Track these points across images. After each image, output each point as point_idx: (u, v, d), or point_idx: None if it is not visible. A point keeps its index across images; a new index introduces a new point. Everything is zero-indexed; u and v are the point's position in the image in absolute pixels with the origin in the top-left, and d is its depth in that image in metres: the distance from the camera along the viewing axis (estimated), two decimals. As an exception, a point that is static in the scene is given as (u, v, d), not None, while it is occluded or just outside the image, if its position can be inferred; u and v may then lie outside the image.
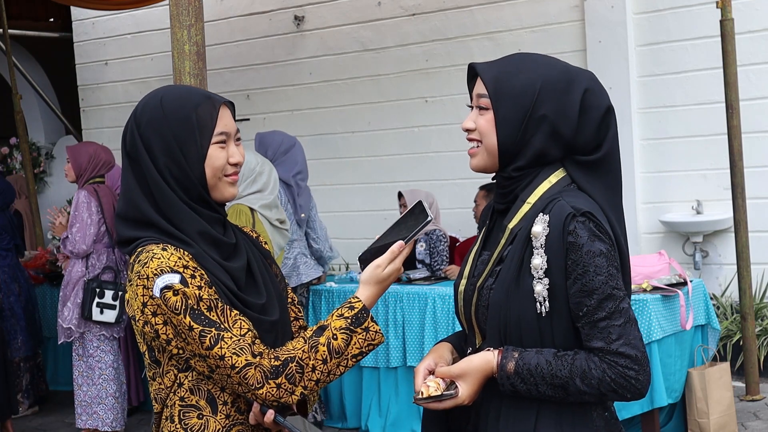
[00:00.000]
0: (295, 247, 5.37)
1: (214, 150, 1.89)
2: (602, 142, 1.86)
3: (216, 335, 1.78)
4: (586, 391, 1.77)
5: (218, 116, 1.90)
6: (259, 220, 4.34)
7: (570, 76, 1.86)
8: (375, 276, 1.90)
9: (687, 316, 4.69)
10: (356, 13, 7.74)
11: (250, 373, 1.78)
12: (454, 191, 7.17)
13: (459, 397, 1.82)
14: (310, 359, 1.81)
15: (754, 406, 5.45)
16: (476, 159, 1.91)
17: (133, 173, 1.90)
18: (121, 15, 8.98)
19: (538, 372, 1.77)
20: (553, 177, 1.86)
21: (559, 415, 1.82)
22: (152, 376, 1.92)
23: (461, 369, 1.83)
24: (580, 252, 1.76)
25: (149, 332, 1.83)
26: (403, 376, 5.29)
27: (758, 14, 6.22)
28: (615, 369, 1.76)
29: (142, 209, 1.87)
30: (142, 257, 1.83)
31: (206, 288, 1.81)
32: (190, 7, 3.24)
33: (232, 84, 8.25)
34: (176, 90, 1.95)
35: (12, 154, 10.14)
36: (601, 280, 1.76)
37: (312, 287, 5.57)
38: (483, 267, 1.91)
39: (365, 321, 1.86)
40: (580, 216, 1.78)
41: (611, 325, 1.76)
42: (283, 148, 5.32)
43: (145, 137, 1.88)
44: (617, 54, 6.57)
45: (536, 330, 1.80)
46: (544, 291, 1.78)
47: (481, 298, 1.87)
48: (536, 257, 1.78)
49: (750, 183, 5.68)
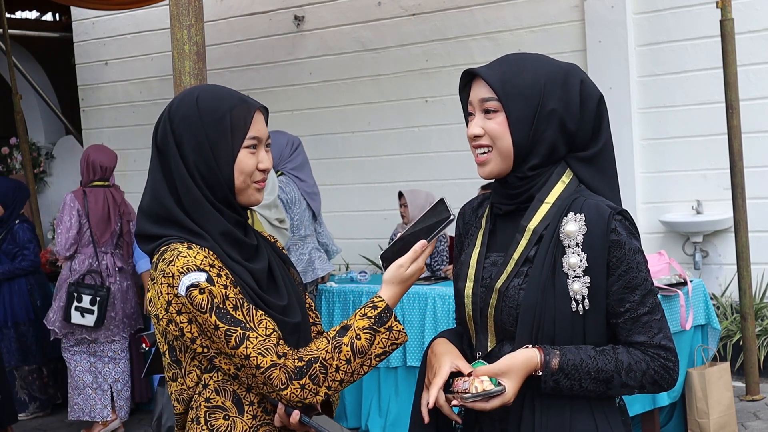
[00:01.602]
0: (309, 242, 5.41)
1: (244, 154, 1.88)
2: (599, 133, 1.89)
3: (242, 335, 1.78)
4: (628, 384, 1.82)
5: (252, 121, 1.90)
6: (258, 219, 4.34)
7: (564, 69, 1.89)
8: (398, 275, 1.89)
9: (687, 316, 4.69)
10: (356, 13, 7.73)
11: (275, 373, 1.78)
12: (454, 191, 7.16)
13: (506, 393, 1.80)
14: (333, 359, 1.81)
15: (754, 406, 5.45)
16: (490, 165, 1.89)
17: (161, 168, 1.89)
18: (121, 15, 8.98)
19: (583, 367, 1.79)
20: (566, 177, 1.89)
21: (590, 405, 1.85)
22: (173, 377, 1.91)
23: (506, 365, 1.81)
24: (623, 249, 1.81)
25: (173, 330, 1.83)
26: (403, 376, 5.29)
27: (758, 14, 6.22)
28: (657, 361, 1.82)
29: (167, 205, 1.87)
30: (166, 255, 1.83)
31: (231, 287, 1.81)
32: (190, 7, 3.24)
33: (232, 84, 8.23)
34: (213, 90, 1.95)
35: (12, 154, 10.13)
36: (642, 276, 1.82)
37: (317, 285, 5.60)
38: (497, 269, 1.90)
39: (388, 320, 1.86)
40: (617, 215, 1.82)
41: (653, 319, 1.83)
42: (291, 146, 5.36)
43: (177, 133, 1.88)
44: (617, 54, 6.57)
45: (569, 328, 1.81)
46: (584, 289, 1.80)
47: (506, 299, 1.86)
48: (572, 256, 1.80)
49: (750, 183, 5.68)
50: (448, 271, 5.76)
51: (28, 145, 8.47)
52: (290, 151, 5.33)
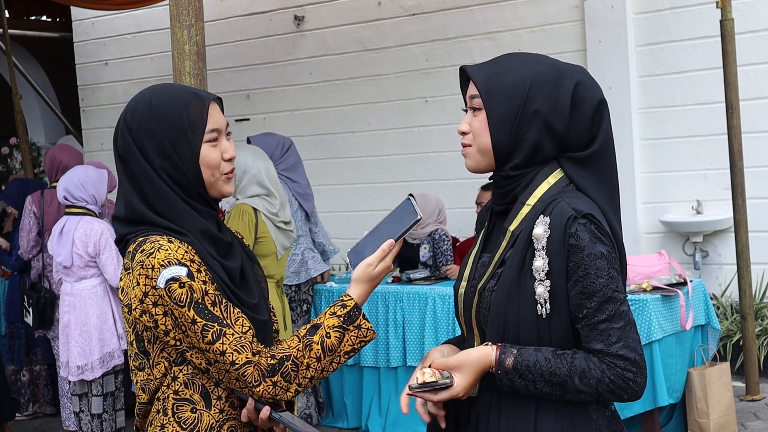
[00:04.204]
0: (302, 243, 5.43)
1: (206, 149, 1.90)
2: (596, 136, 1.86)
3: (218, 331, 1.80)
4: (583, 390, 1.78)
5: (208, 114, 1.91)
6: (262, 220, 4.35)
7: (560, 70, 1.86)
8: (366, 274, 1.92)
9: (687, 316, 4.69)
10: (356, 13, 7.73)
11: (249, 371, 1.80)
12: (454, 191, 7.17)
13: (454, 387, 1.81)
14: (304, 357, 1.83)
15: (754, 406, 5.45)
16: (469, 160, 1.91)
17: (126, 176, 1.91)
18: (121, 15, 8.98)
19: (536, 369, 1.78)
20: (552, 178, 1.86)
21: (558, 411, 1.82)
22: (139, 366, 1.92)
23: (459, 360, 1.83)
24: (582, 254, 1.77)
25: (146, 321, 1.84)
26: (404, 376, 5.29)
27: (758, 14, 6.22)
28: (614, 370, 1.77)
29: (139, 211, 1.89)
30: (146, 247, 1.84)
31: (210, 283, 1.83)
32: (190, 7, 3.24)
33: (232, 84, 8.25)
34: (163, 91, 1.94)
35: (12, 154, 10.13)
36: (602, 282, 1.77)
37: (315, 285, 5.60)
38: (483, 269, 1.91)
39: (357, 319, 1.89)
40: (582, 218, 1.78)
41: (611, 327, 1.77)
42: (282, 148, 5.35)
43: (137, 140, 1.89)
44: (617, 54, 6.57)
45: (535, 331, 1.80)
46: (545, 293, 1.78)
47: (482, 301, 1.87)
48: (537, 259, 1.79)
49: (750, 183, 5.68)
50: (448, 271, 5.75)
51: (28, 145, 8.46)
52: (281, 153, 5.33)
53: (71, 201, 4.85)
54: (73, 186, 4.83)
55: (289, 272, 5.32)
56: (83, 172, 4.91)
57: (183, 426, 1.87)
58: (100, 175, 4.97)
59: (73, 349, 4.77)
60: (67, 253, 4.78)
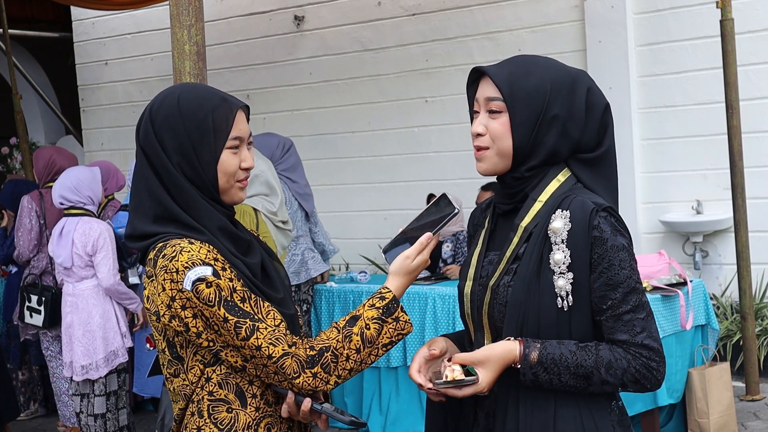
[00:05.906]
0: (302, 243, 5.44)
1: (227, 155, 1.89)
2: (603, 139, 1.90)
3: (251, 326, 1.79)
4: (608, 381, 1.81)
5: (234, 121, 1.90)
6: (262, 220, 4.36)
7: (572, 76, 1.90)
8: (404, 267, 1.92)
9: (687, 316, 4.69)
10: (356, 13, 7.74)
11: (287, 362, 1.80)
12: (454, 191, 7.16)
13: (479, 383, 1.81)
14: (344, 348, 1.83)
15: (754, 406, 5.45)
16: (486, 163, 1.91)
17: (151, 167, 1.89)
18: (121, 15, 8.98)
19: (562, 362, 1.79)
20: (561, 176, 1.89)
21: (577, 404, 1.84)
22: (174, 373, 1.90)
23: (484, 355, 1.83)
24: (605, 246, 1.80)
25: (177, 326, 1.83)
26: (404, 376, 5.30)
27: (758, 14, 6.22)
28: (639, 360, 1.81)
29: (166, 204, 1.87)
30: (167, 251, 1.82)
31: (236, 280, 1.82)
32: (190, 7, 3.24)
33: (232, 84, 8.26)
34: (194, 90, 1.93)
35: (12, 154, 10.13)
36: (625, 273, 1.82)
37: (315, 285, 5.60)
38: (492, 267, 1.92)
39: (395, 311, 1.88)
40: (602, 211, 1.82)
41: (635, 318, 1.82)
42: (282, 148, 5.36)
43: (159, 134, 1.88)
44: (617, 54, 6.57)
45: (555, 325, 1.82)
46: (567, 285, 1.80)
47: (497, 297, 1.88)
48: (557, 252, 1.81)
49: (750, 183, 5.69)
50: (448, 271, 5.76)
51: (28, 145, 8.46)
52: (281, 153, 5.34)
53: (68, 204, 4.89)
54: (67, 191, 4.87)
55: (289, 272, 5.32)
56: (75, 175, 4.93)
57: (220, 426, 1.85)
58: (93, 174, 4.99)
59: (76, 349, 4.79)
60: (67, 254, 4.79)
